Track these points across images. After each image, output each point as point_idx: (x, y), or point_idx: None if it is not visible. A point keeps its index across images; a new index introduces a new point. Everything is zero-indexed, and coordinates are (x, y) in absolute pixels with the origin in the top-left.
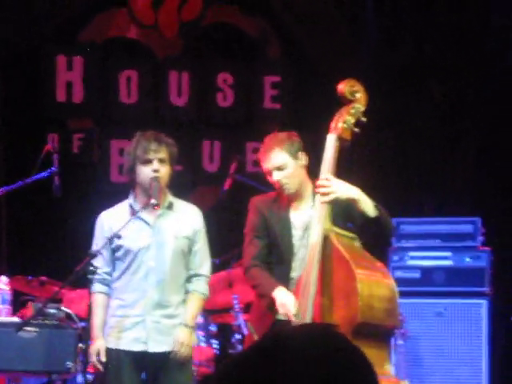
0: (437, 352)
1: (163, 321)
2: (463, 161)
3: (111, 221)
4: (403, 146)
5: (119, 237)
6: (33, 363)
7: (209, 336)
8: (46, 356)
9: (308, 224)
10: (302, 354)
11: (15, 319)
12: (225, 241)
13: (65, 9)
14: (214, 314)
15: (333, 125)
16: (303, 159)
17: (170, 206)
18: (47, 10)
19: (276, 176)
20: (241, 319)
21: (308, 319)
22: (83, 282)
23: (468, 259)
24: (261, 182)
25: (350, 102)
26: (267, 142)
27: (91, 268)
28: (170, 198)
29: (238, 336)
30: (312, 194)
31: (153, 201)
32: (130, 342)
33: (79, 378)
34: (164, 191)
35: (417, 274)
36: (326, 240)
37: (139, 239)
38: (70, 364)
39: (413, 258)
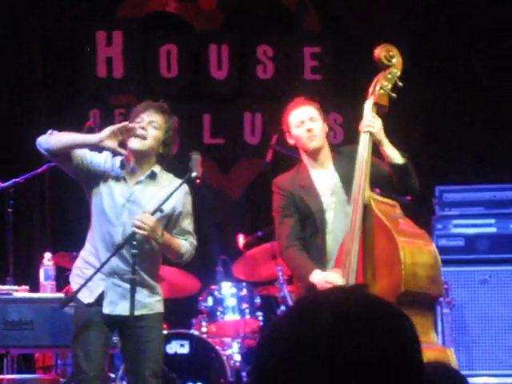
0: (482, 319)
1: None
2: (506, 127)
3: (107, 163)
4: (446, 115)
5: (162, 211)
6: None
7: (254, 308)
8: None
9: (333, 188)
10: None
11: (60, 295)
12: (267, 213)
13: None
14: (258, 287)
15: (370, 90)
16: (327, 126)
17: (152, 176)
18: None
19: (308, 125)
20: (285, 291)
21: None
22: None
23: None
24: None
25: (387, 67)
26: (296, 100)
27: (134, 243)
28: (156, 167)
29: (282, 307)
30: (332, 159)
31: (194, 174)
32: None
33: None
34: (150, 158)
35: (461, 242)
36: (366, 208)
37: (114, 201)
38: (115, 339)
39: (456, 226)
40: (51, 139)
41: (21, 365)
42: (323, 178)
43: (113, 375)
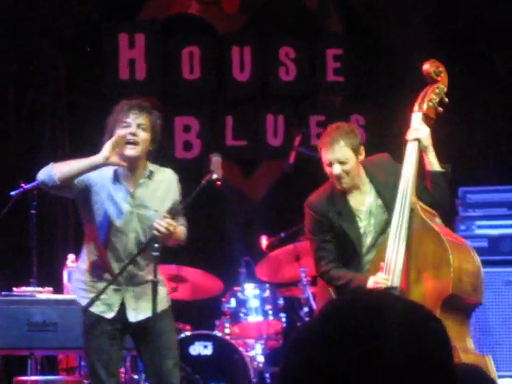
0: (507, 321)
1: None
2: None
3: (100, 178)
4: (467, 115)
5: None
6: None
7: (277, 309)
8: None
9: (371, 209)
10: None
11: None
12: (290, 214)
13: None
14: (281, 288)
15: (418, 102)
16: (363, 154)
17: (150, 176)
18: None
19: (336, 169)
20: (308, 292)
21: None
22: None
23: None
24: None
25: (435, 81)
26: (331, 132)
27: (156, 245)
28: (149, 165)
29: (305, 309)
30: (367, 178)
31: (215, 176)
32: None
33: None
34: (144, 159)
35: (484, 243)
36: (412, 212)
37: (120, 210)
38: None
39: (480, 227)
40: (55, 174)
41: (44, 366)
42: (359, 200)
43: (136, 377)
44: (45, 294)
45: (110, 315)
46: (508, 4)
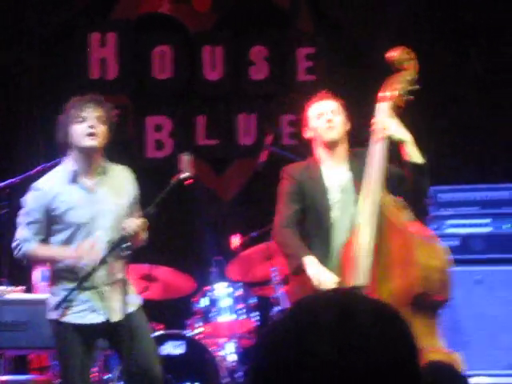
0: (477, 320)
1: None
2: (501, 126)
3: (53, 189)
4: (440, 115)
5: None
6: None
7: (249, 308)
8: None
9: (345, 186)
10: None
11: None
12: (262, 213)
13: None
14: (253, 287)
15: (386, 92)
16: (348, 124)
17: (105, 171)
18: None
19: (329, 115)
20: (280, 291)
21: (364, 290)
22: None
23: (507, 226)
24: (296, 154)
25: (404, 69)
26: (320, 94)
27: (124, 245)
28: (103, 161)
29: (277, 308)
30: (347, 158)
31: (184, 174)
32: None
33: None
34: (100, 153)
35: (456, 242)
36: (379, 208)
37: (83, 209)
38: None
39: (451, 226)
40: (28, 258)
41: (16, 366)
42: (334, 174)
43: (109, 376)
44: (14, 293)
45: (99, 319)
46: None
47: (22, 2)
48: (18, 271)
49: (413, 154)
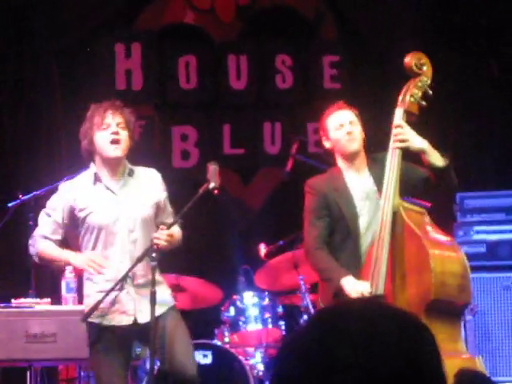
0: (505, 326)
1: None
2: None
3: (77, 190)
4: (465, 120)
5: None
6: None
7: (276, 317)
8: None
9: (368, 192)
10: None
11: (82, 307)
12: (288, 222)
13: None
14: (280, 296)
15: (400, 98)
16: (363, 132)
17: (130, 173)
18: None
19: (349, 128)
20: (308, 300)
21: (382, 299)
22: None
23: None
24: (322, 162)
25: (417, 75)
26: (336, 104)
27: (153, 255)
28: (129, 165)
29: (305, 316)
30: (366, 164)
31: (212, 184)
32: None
33: (148, 364)
34: (124, 158)
35: (482, 249)
36: (395, 215)
37: (106, 211)
38: (138, 350)
39: (478, 232)
40: (36, 256)
41: (44, 377)
42: (358, 182)
43: None
44: (43, 305)
45: (128, 321)
46: (504, 4)
47: (43, 15)
48: (45, 283)
49: (432, 160)
